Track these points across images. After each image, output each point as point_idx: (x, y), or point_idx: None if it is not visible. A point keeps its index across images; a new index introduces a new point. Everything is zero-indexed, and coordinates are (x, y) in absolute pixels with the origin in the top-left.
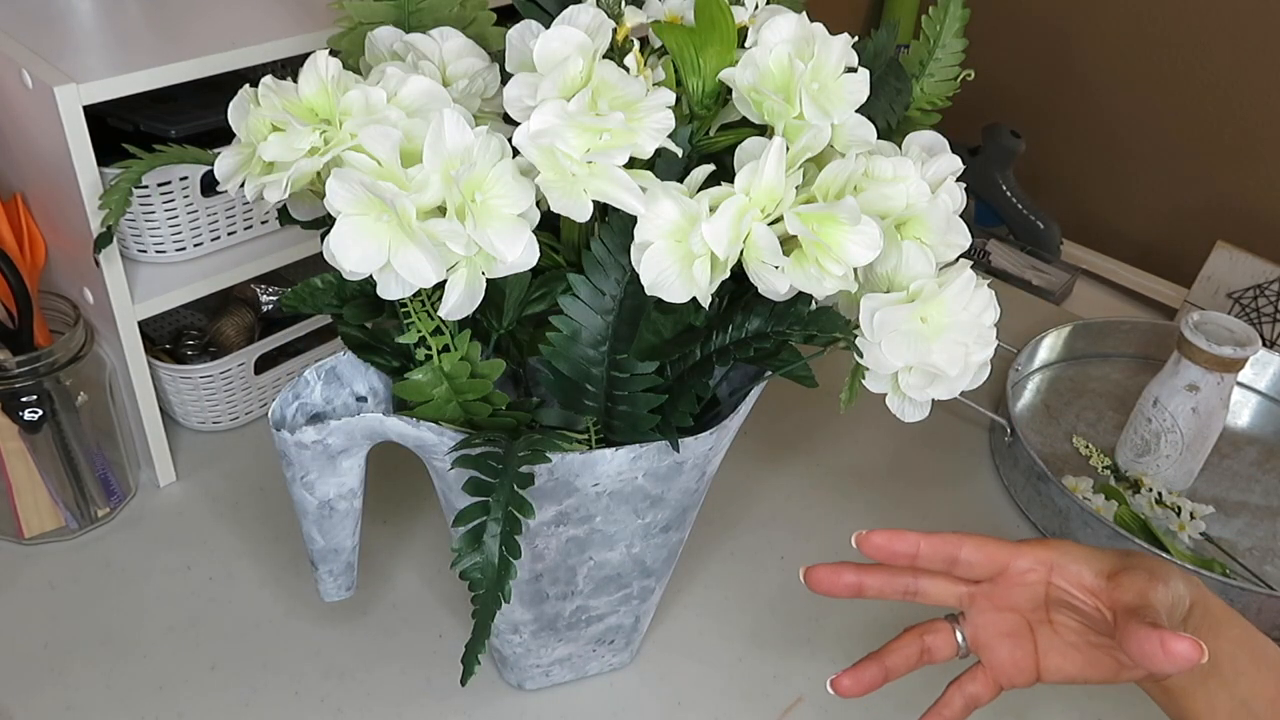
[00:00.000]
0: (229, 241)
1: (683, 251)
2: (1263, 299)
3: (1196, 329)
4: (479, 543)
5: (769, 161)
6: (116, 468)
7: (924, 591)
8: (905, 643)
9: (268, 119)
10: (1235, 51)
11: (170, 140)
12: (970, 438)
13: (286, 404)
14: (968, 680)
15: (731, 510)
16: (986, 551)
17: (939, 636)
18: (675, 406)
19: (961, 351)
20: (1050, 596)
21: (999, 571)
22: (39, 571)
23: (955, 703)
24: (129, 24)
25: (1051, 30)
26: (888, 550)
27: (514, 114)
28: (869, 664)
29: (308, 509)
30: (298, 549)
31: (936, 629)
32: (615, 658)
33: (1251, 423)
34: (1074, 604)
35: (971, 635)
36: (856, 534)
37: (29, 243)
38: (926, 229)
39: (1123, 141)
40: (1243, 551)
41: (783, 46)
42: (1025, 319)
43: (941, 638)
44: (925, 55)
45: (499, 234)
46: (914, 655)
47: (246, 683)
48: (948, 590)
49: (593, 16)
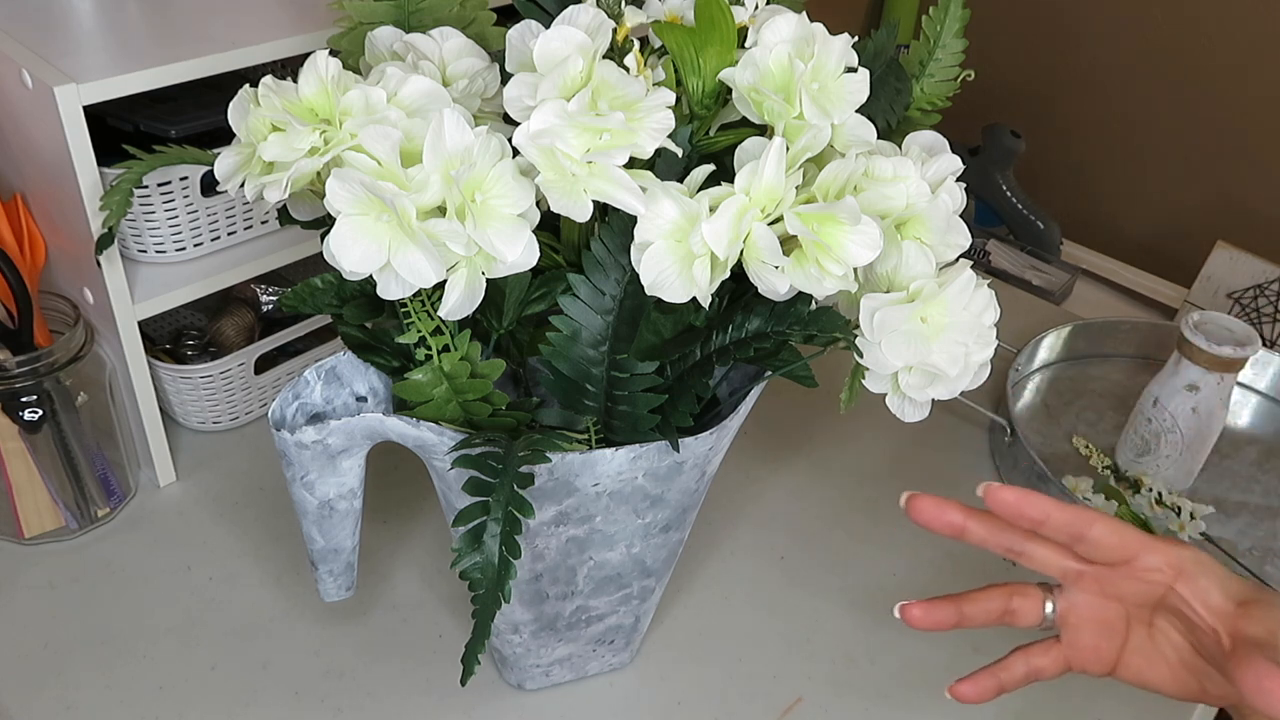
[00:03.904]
0: (229, 241)
1: (683, 251)
2: (1263, 299)
3: (1196, 329)
4: (479, 543)
5: (769, 161)
6: (116, 468)
7: (1029, 555)
8: (991, 595)
9: (268, 119)
10: (1235, 51)
11: (170, 140)
12: (970, 438)
13: (286, 404)
14: (1039, 652)
15: (731, 510)
16: (1120, 537)
17: (1028, 601)
18: (675, 406)
19: (961, 351)
20: (1165, 601)
21: (1124, 560)
22: (39, 571)
23: (1017, 669)
24: (129, 24)
25: (1052, 30)
26: (1016, 510)
27: (514, 114)
28: (946, 603)
29: (308, 509)
30: (298, 549)
31: (1027, 593)
32: (615, 658)
33: (1251, 423)
34: (1189, 617)
35: (1063, 611)
36: (985, 484)
37: (29, 243)
38: (926, 229)
39: (1123, 141)
40: (1243, 551)
41: (783, 46)
42: (1025, 319)
43: (1030, 603)
44: (925, 55)
45: (499, 234)
46: (995, 611)
47: (246, 683)
48: (1055, 561)
49: (593, 16)
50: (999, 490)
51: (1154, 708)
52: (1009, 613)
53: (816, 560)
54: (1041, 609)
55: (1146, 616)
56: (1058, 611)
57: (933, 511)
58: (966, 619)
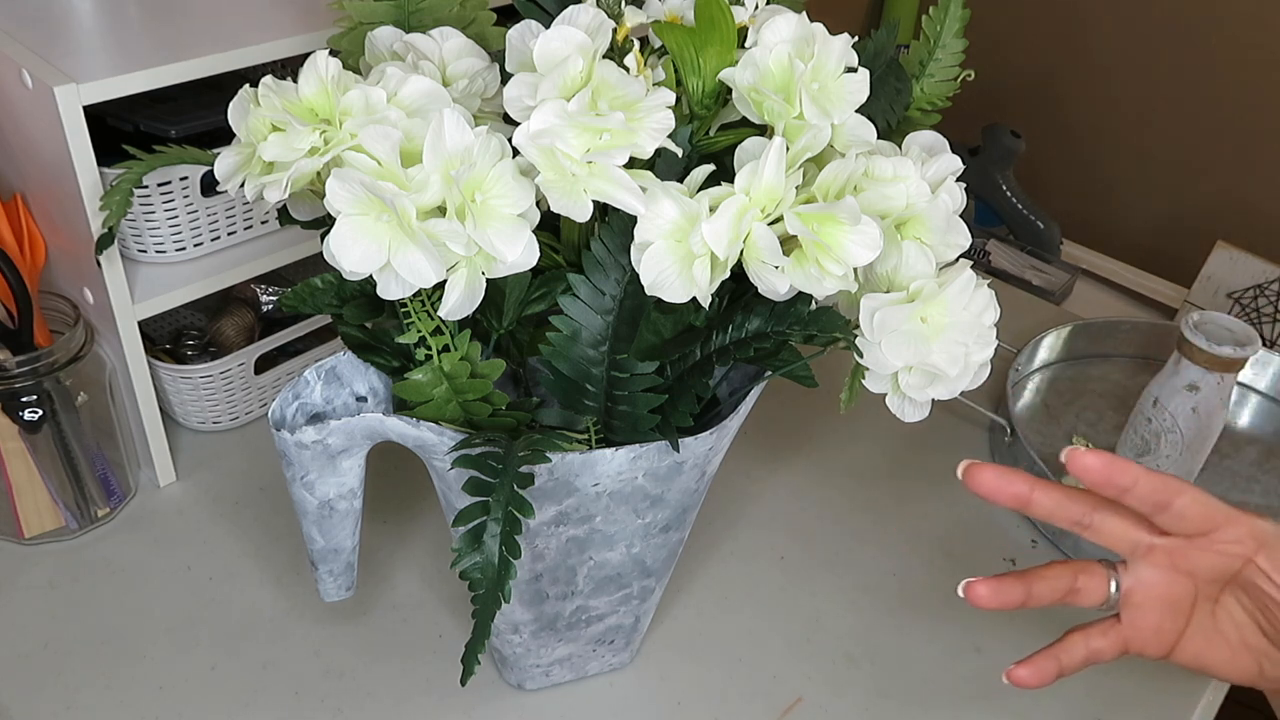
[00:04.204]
0: (229, 241)
1: (683, 251)
2: (1263, 299)
3: (1196, 329)
4: (479, 543)
5: (769, 161)
6: (116, 468)
7: (1098, 527)
8: (1057, 572)
9: (268, 119)
10: (1236, 51)
11: (170, 140)
12: (970, 438)
13: (286, 404)
14: (1097, 633)
15: (731, 510)
16: (1205, 507)
17: (1093, 579)
18: (675, 406)
19: (961, 351)
20: (1241, 575)
21: (1207, 531)
22: (39, 571)
23: (1077, 650)
24: (129, 24)
25: (1052, 30)
26: (1103, 477)
27: (514, 114)
28: (1014, 580)
29: (308, 509)
30: (298, 549)
31: (1093, 570)
32: (615, 658)
33: (1251, 423)
34: (1265, 590)
35: (1128, 589)
36: (1069, 449)
37: (29, 243)
38: (926, 229)
39: (1123, 141)
40: None
41: (783, 46)
42: (1025, 319)
43: (1096, 580)
44: (925, 55)
45: (499, 234)
46: (1061, 589)
47: (246, 683)
48: (1125, 534)
49: (593, 16)
50: (1083, 455)
51: (1155, 705)
52: (1074, 591)
53: (816, 560)
54: (1107, 587)
55: (1215, 593)
56: (1122, 589)
57: (996, 483)
58: (1034, 598)
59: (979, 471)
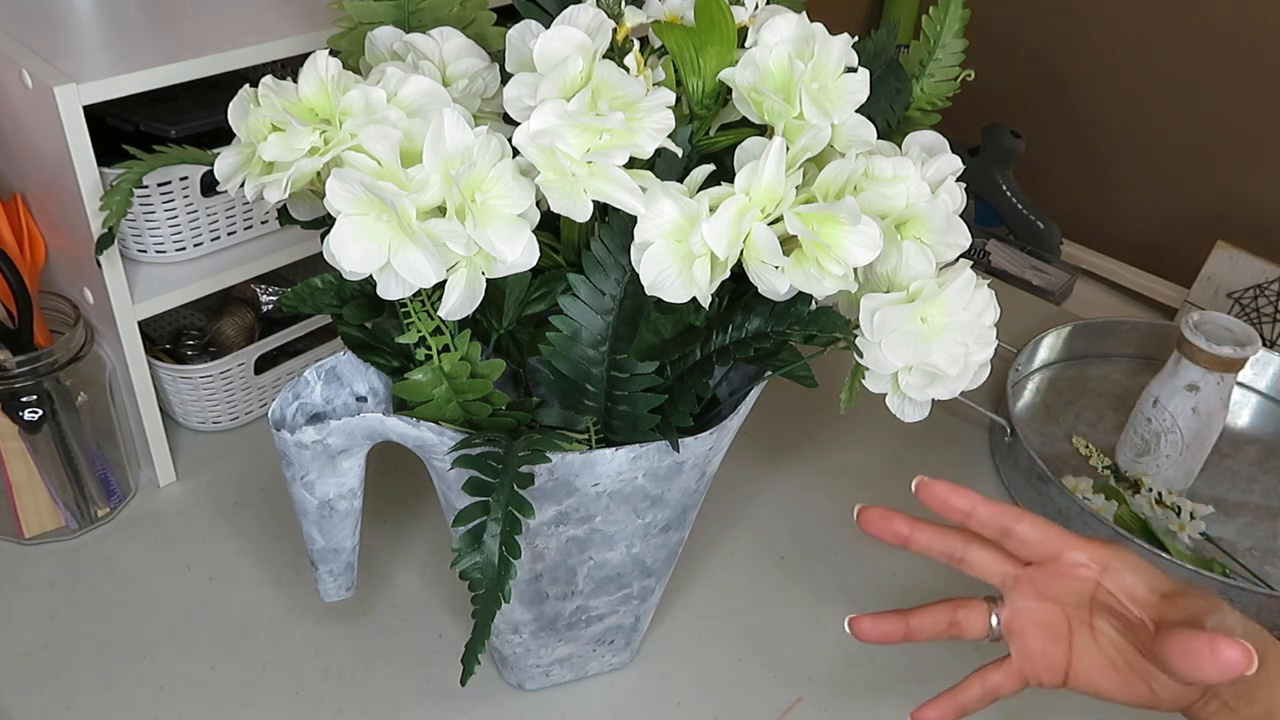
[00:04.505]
0: (229, 241)
1: (683, 251)
2: (1263, 299)
3: (1196, 329)
4: (479, 543)
5: (769, 161)
6: (116, 468)
7: (970, 561)
8: (937, 609)
9: (268, 119)
10: (1236, 51)
11: (170, 140)
12: (970, 438)
13: (286, 404)
14: (991, 670)
15: (731, 510)
16: (1043, 532)
17: (972, 612)
18: (675, 406)
19: (961, 351)
20: (1096, 598)
21: (1051, 557)
22: (39, 571)
23: (973, 689)
24: (129, 24)
25: (1052, 30)
26: (943, 501)
27: (514, 114)
28: (893, 616)
29: (308, 509)
30: (298, 549)
31: (971, 605)
32: (615, 658)
33: (1251, 423)
34: (1120, 611)
35: (1007, 620)
36: (919, 479)
37: (29, 243)
38: (926, 229)
39: (1123, 141)
40: (1243, 551)
41: (783, 46)
42: (1025, 319)
43: (975, 614)
44: (925, 55)
45: (499, 234)
46: (942, 623)
47: (246, 683)
48: (994, 566)
49: (593, 16)
50: (930, 484)
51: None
52: (955, 624)
53: (816, 560)
54: (987, 620)
55: (1085, 617)
56: (1002, 621)
57: (881, 522)
58: (914, 632)
59: (866, 514)
